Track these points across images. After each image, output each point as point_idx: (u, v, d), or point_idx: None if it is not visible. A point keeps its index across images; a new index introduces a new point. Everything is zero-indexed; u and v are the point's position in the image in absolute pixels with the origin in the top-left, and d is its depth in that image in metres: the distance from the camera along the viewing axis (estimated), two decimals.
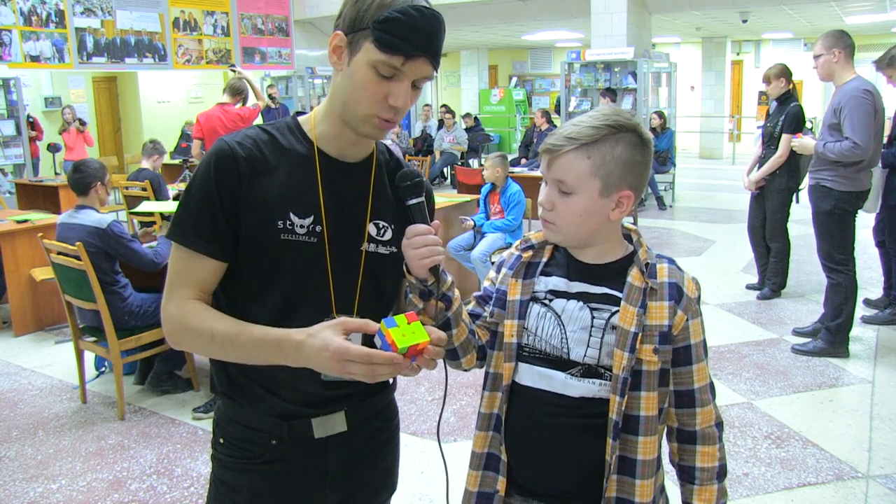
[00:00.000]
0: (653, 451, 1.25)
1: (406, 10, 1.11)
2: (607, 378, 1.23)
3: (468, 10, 11.03)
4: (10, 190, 8.10)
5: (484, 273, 5.06)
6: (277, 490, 1.30)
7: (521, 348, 1.29)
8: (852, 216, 4.12)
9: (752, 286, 5.59)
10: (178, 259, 1.22)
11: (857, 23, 12.76)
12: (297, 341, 1.09)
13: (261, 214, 1.20)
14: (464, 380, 3.81)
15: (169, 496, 2.91)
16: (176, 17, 9.69)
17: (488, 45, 18.45)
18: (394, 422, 1.44)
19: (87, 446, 3.34)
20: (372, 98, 1.16)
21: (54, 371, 4.29)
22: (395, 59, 1.13)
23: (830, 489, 2.87)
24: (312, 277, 1.23)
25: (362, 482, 1.37)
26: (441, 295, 1.23)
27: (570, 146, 1.22)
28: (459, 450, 3.03)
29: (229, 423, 1.31)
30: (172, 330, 1.21)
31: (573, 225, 1.25)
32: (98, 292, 3.43)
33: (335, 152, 1.27)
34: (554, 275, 1.30)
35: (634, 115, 5.41)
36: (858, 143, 3.85)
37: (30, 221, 5.09)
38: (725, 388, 3.79)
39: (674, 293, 1.24)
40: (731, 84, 17.26)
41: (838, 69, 4.02)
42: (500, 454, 1.31)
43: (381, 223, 1.30)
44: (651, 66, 9.82)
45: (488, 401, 1.33)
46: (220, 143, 1.22)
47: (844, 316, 4.15)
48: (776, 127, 5.04)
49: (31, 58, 8.30)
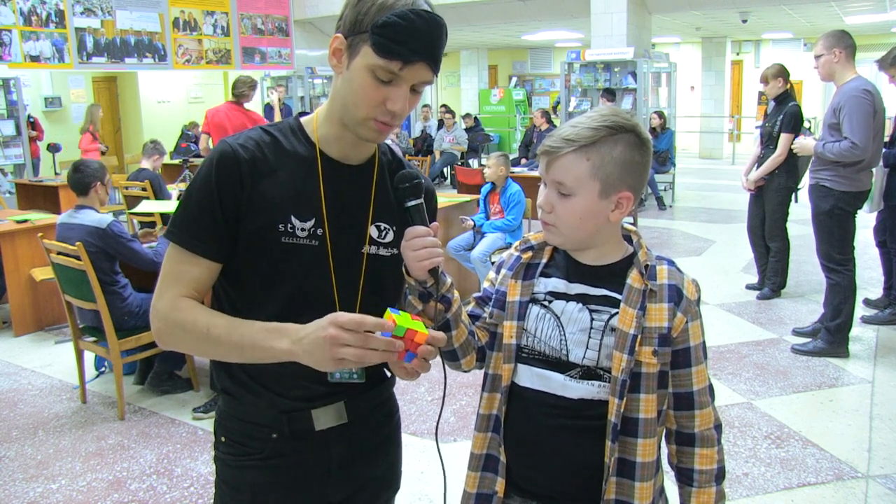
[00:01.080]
0: (652, 454, 1.25)
1: (405, 15, 1.10)
2: (606, 380, 1.23)
3: (468, 10, 11.03)
4: (10, 190, 8.09)
5: (484, 273, 5.06)
6: (280, 486, 1.29)
7: (521, 350, 1.29)
8: (852, 216, 4.12)
9: (752, 286, 5.59)
10: (172, 258, 1.22)
11: (857, 23, 12.76)
12: (296, 327, 1.11)
13: (262, 217, 1.20)
14: (463, 380, 3.81)
15: (169, 496, 2.91)
16: (176, 17, 9.69)
17: (488, 45, 18.45)
18: (395, 417, 1.44)
19: (87, 446, 3.34)
20: (370, 102, 1.16)
21: (54, 371, 4.29)
22: (394, 65, 1.12)
23: (830, 489, 2.87)
24: (314, 280, 1.23)
25: (365, 478, 1.37)
26: (440, 296, 1.22)
27: (568, 148, 1.21)
28: (459, 450, 3.02)
29: (230, 419, 1.31)
30: (163, 326, 1.20)
31: (573, 227, 1.25)
32: (98, 292, 3.43)
33: (337, 154, 1.27)
34: (553, 276, 1.30)
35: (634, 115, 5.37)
36: (857, 143, 3.85)
37: (30, 221, 5.09)
38: (725, 388, 3.79)
39: (673, 295, 1.24)
40: (731, 84, 17.26)
41: (839, 69, 4.02)
42: (499, 455, 1.31)
43: (382, 225, 1.29)
44: (651, 66, 9.82)
45: (487, 402, 1.33)
46: (222, 145, 1.21)
47: (844, 316, 4.15)
48: (774, 127, 5.05)
49: (31, 58, 8.30)
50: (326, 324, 1.06)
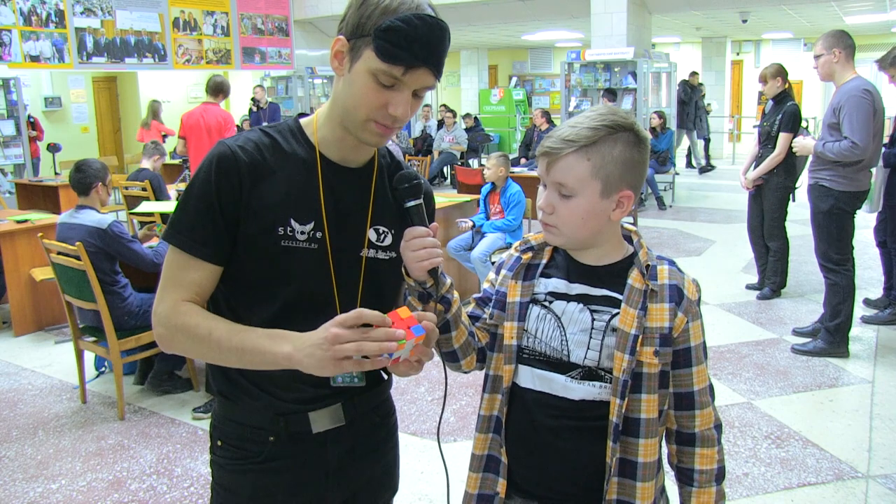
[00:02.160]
0: (654, 454, 1.25)
1: (408, 19, 1.09)
2: (607, 380, 1.23)
3: (468, 10, 11.03)
4: (10, 190, 8.09)
5: (484, 273, 5.06)
6: (278, 489, 1.29)
7: (521, 350, 1.29)
8: (851, 216, 4.12)
9: (752, 286, 5.59)
10: (173, 261, 1.21)
11: (857, 23, 12.76)
12: (297, 334, 1.11)
13: (261, 221, 1.19)
14: (464, 380, 3.81)
15: (169, 496, 2.91)
16: (176, 17, 9.69)
17: (488, 45, 18.45)
18: (391, 418, 1.43)
19: (87, 446, 3.34)
20: (371, 106, 1.15)
21: (54, 371, 4.29)
22: (396, 69, 1.11)
23: (830, 489, 2.87)
24: (313, 284, 1.22)
25: (363, 481, 1.37)
26: (440, 297, 1.22)
27: (569, 149, 1.21)
28: (459, 450, 3.03)
29: (226, 423, 1.30)
30: (164, 331, 1.20)
31: (575, 227, 1.24)
32: (98, 292, 3.43)
33: (337, 157, 1.25)
34: (554, 276, 1.30)
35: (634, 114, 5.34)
36: (857, 143, 3.85)
37: (30, 221, 5.09)
38: (725, 388, 3.79)
39: (674, 295, 1.24)
40: (731, 84, 17.27)
41: (839, 69, 4.02)
42: (501, 456, 1.31)
43: (381, 229, 1.29)
44: (651, 66, 9.82)
45: (488, 403, 1.33)
46: (221, 147, 1.20)
47: (843, 316, 4.15)
48: (773, 126, 5.05)
49: (31, 58, 8.30)
50: (328, 325, 1.07)
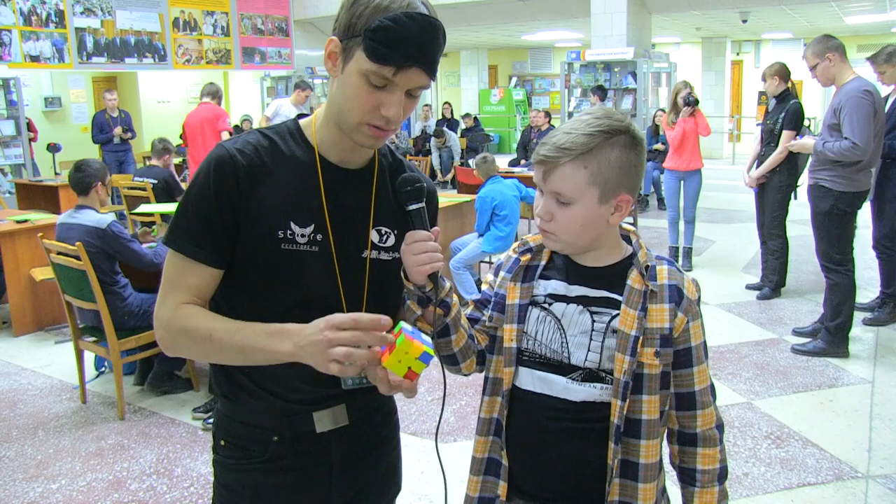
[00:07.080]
0: (655, 455, 1.24)
1: (398, 18, 1.07)
2: (608, 382, 1.23)
3: (468, 10, 11.03)
4: (10, 190, 8.09)
5: (461, 282, 5.09)
6: (281, 489, 1.29)
7: (521, 353, 1.28)
8: (851, 216, 4.12)
9: (752, 286, 5.59)
10: (173, 265, 1.20)
11: (857, 23, 12.76)
12: (296, 328, 1.10)
13: (261, 224, 1.18)
14: (463, 380, 3.81)
15: (169, 496, 2.91)
16: (176, 17, 9.69)
17: (488, 45, 18.44)
18: (394, 418, 1.43)
19: (87, 446, 3.34)
20: (363, 107, 1.13)
21: (54, 371, 4.29)
22: (386, 70, 1.09)
23: (830, 489, 2.87)
24: (316, 287, 1.22)
25: (366, 481, 1.36)
26: (439, 301, 1.22)
27: (565, 157, 1.19)
28: (459, 450, 3.03)
29: (229, 423, 1.30)
30: (166, 334, 1.19)
31: (573, 234, 1.23)
32: (98, 292, 3.43)
33: (336, 158, 1.25)
34: (553, 278, 1.30)
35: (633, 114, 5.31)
36: (857, 143, 3.85)
37: (30, 221, 5.09)
38: (725, 388, 3.79)
39: (674, 295, 1.23)
40: (731, 84, 17.25)
41: (837, 71, 4.02)
42: (501, 459, 1.30)
43: (383, 229, 1.28)
44: (651, 66, 9.82)
45: (488, 405, 1.33)
46: (219, 150, 1.19)
47: (843, 316, 4.15)
48: (776, 124, 5.05)
49: (31, 58, 8.30)
50: (322, 326, 1.06)
